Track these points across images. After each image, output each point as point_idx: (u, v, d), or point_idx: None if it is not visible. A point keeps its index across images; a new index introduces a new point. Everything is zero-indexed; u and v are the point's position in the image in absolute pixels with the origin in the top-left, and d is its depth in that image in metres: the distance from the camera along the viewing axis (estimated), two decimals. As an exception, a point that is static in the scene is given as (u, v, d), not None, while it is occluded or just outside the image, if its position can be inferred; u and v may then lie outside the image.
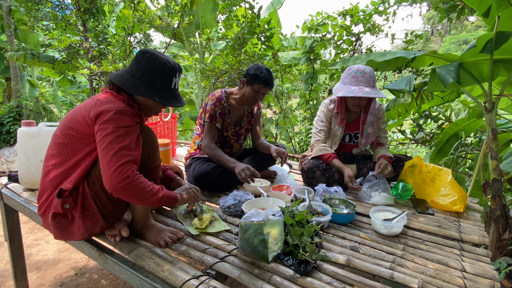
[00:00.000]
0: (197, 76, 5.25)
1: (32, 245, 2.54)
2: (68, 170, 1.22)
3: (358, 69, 1.93)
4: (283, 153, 2.03)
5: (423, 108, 3.27)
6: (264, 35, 3.80)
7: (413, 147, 4.92)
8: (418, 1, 3.71)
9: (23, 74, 7.38)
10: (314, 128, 2.19)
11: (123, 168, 1.10)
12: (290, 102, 5.18)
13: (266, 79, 1.93)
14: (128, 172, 1.10)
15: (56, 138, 1.25)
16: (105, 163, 1.10)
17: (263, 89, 1.96)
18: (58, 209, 1.18)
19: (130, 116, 1.19)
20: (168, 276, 1.08)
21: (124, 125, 1.16)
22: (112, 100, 1.21)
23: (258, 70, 1.93)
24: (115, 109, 1.16)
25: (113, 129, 1.13)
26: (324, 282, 1.07)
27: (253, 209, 1.30)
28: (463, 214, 1.73)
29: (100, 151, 1.13)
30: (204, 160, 2.03)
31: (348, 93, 1.88)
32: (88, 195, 1.22)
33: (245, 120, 2.22)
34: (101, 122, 1.14)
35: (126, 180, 1.09)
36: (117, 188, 1.10)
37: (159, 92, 1.26)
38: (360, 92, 1.86)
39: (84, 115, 1.19)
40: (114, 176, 1.08)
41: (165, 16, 5.39)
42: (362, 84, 1.90)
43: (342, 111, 2.08)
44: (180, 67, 1.33)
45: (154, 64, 1.24)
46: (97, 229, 1.26)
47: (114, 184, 1.09)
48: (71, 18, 5.00)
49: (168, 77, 1.27)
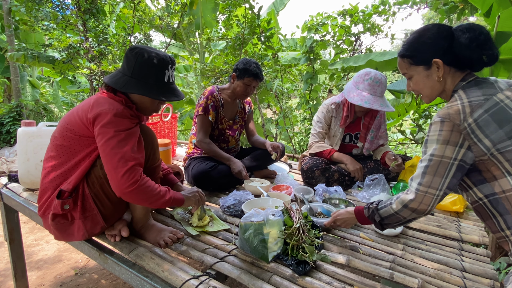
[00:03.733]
0: (197, 76, 5.25)
1: (32, 245, 2.54)
2: (67, 171, 1.21)
3: (375, 77, 1.91)
4: (277, 146, 2.06)
5: (423, 107, 3.27)
6: (264, 35, 3.80)
7: (413, 147, 4.92)
8: (418, 3, 3.72)
9: (23, 74, 7.39)
10: (312, 129, 2.19)
11: (130, 172, 1.10)
12: (290, 102, 5.18)
13: (256, 72, 2.00)
14: (136, 176, 1.11)
15: (54, 140, 1.25)
16: (111, 168, 1.11)
17: (254, 82, 2.03)
18: (57, 210, 1.18)
19: (129, 118, 1.18)
20: (168, 276, 1.08)
21: (125, 128, 1.15)
22: (109, 101, 1.18)
23: (247, 64, 2.00)
24: (113, 112, 1.14)
25: (114, 133, 1.12)
26: (324, 282, 1.07)
27: (253, 209, 1.30)
28: (463, 214, 1.73)
29: (104, 156, 1.12)
30: (203, 159, 2.04)
31: (364, 102, 1.87)
32: (88, 196, 1.21)
33: (239, 116, 2.27)
34: (100, 125, 1.13)
35: (135, 184, 1.11)
36: (126, 193, 1.11)
37: (153, 87, 1.23)
38: (375, 105, 1.86)
39: (81, 117, 1.18)
40: (123, 181, 1.09)
41: (165, 16, 5.39)
42: (377, 94, 1.91)
43: (351, 114, 2.08)
44: (173, 59, 1.29)
45: (143, 59, 1.20)
46: (97, 230, 1.26)
47: (123, 189, 1.10)
48: (71, 18, 5.00)
49: (160, 71, 1.23)
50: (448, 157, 0.96)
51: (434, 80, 1.07)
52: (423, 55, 1.07)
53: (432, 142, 1.00)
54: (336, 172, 2.01)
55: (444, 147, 0.96)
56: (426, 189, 1.00)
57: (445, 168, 0.97)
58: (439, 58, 1.03)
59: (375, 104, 1.86)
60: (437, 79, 1.06)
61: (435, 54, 1.04)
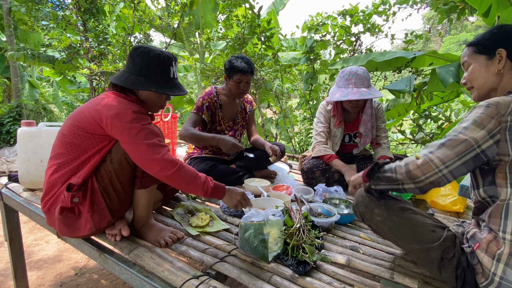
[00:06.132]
0: (197, 76, 5.25)
1: (32, 245, 2.54)
2: (77, 166, 1.23)
3: (350, 71, 1.92)
4: (276, 150, 2.05)
5: (423, 107, 3.27)
6: (264, 35, 3.80)
7: (413, 147, 4.92)
8: (418, 2, 3.72)
9: (23, 74, 7.39)
10: (314, 131, 2.19)
11: (167, 155, 1.17)
12: (290, 102, 5.18)
13: (243, 67, 1.97)
14: (173, 158, 1.19)
15: (63, 138, 1.25)
16: (149, 157, 1.16)
17: (244, 77, 2.00)
18: (66, 203, 1.19)
19: (146, 115, 1.26)
20: (168, 276, 1.08)
21: (148, 123, 1.22)
22: (124, 101, 1.23)
23: (233, 61, 1.99)
24: (132, 109, 1.20)
25: (141, 127, 1.18)
26: (324, 282, 1.07)
27: (253, 209, 1.30)
28: (463, 214, 1.73)
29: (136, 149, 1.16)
30: (202, 159, 2.04)
31: (343, 96, 1.87)
32: (97, 190, 1.23)
33: (239, 116, 2.26)
34: (125, 122, 1.16)
35: (177, 163, 1.17)
36: (171, 174, 1.16)
37: (160, 83, 1.28)
38: (356, 94, 1.85)
39: (94, 116, 1.20)
40: (166, 163, 1.16)
41: (165, 16, 5.39)
42: (356, 86, 1.90)
43: (338, 114, 2.08)
44: (175, 56, 1.35)
45: (149, 57, 1.26)
46: (104, 224, 1.26)
47: (169, 169, 1.16)
48: (71, 18, 5.00)
49: (166, 67, 1.29)
50: (475, 140, 0.90)
51: (491, 72, 1.02)
52: (490, 44, 1.02)
53: (467, 121, 0.94)
54: (337, 173, 2.01)
55: (477, 129, 0.91)
56: (433, 158, 0.92)
57: (466, 149, 0.90)
58: (504, 49, 0.99)
59: (355, 94, 1.85)
60: (496, 71, 1.00)
61: (501, 44, 1.00)
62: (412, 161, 0.96)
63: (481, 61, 1.04)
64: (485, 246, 0.92)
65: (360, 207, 1.16)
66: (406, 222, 1.06)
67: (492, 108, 0.91)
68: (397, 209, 1.09)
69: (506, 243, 0.89)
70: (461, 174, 0.93)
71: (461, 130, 0.93)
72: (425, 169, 0.93)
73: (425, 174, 0.93)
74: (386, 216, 1.09)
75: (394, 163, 1.03)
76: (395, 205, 1.10)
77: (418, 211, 1.09)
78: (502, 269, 0.88)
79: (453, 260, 0.98)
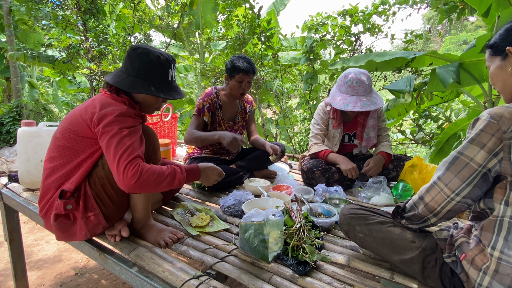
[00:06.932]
0: (197, 76, 5.25)
1: (32, 245, 2.54)
2: (69, 171, 1.21)
3: (355, 77, 1.91)
4: (276, 149, 2.05)
5: (423, 107, 3.28)
6: (264, 35, 3.80)
7: (413, 147, 4.93)
8: (418, 2, 3.72)
9: (23, 74, 7.39)
10: (311, 132, 2.20)
11: (130, 165, 1.09)
12: (290, 102, 5.18)
13: (245, 67, 1.98)
14: (135, 167, 1.09)
15: (56, 141, 1.24)
16: (114, 166, 1.10)
17: (246, 77, 2.00)
18: (60, 210, 1.18)
19: (132, 117, 1.20)
20: (168, 276, 1.08)
21: (128, 126, 1.16)
22: (113, 102, 1.20)
23: (235, 61, 1.99)
24: (117, 112, 1.15)
25: (117, 131, 1.12)
26: (324, 282, 1.07)
27: (253, 209, 1.30)
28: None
29: (107, 154, 1.12)
30: (202, 159, 2.04)
31: (346, 106, 1.88)
32: (90, 196, 1.21)
33: (239, 116, 2.26)
34: (104, 124, 1.13)
35: (136, 175, 1.08)
36: (131, 187, 1.09)
37: (158, 86, 1.25)
38: (357, 105, 1.86)
39: (85, 118, 1.18)
40: (124, 177, 1.08)
41: (165, 16, 5.40)
42: (359, 94, 1.90)
43: (337, 118, 2.09)
44: (174, 58, 1.31)
45: (147, 59, 1.22)
46: (99, 230, 1.26)
47: (127, 184, 1.08)
48: (71, 18, 5.00)
49: (164, 70, 1.26)
50: (476, 163, 0.86)
51: (507, 73, 0.92)
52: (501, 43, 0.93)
53: (467, 138, 0.89)
54: (337, 173, 2.01)
55: (477, 149, 0.86)
56: (442, 187, 0.90)
57: (470, 174, 0.86)
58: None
59: (357, 105, 1.86)
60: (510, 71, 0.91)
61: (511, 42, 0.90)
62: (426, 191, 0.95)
63: (497, 63, 0.96)
64: (471, 259, 0.89)
65: (344, 226, 1.19)
66: (385, 236, 1.07)
67: (493, 124, 0.84)
68: (376, 224, 1.10)
69: (492, 260, 0.85)
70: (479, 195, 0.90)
71: (461, 150, 0.89)
72: (439, 199, 0.92)
73: (440, 204, 0.92)
74: (367, 232, 1.11)
75: (412, 199, 1.03)
76: (374, 220, 1.11)
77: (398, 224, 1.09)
78: (489, 281, 0.85)
79: (435, 268, 0.97)
